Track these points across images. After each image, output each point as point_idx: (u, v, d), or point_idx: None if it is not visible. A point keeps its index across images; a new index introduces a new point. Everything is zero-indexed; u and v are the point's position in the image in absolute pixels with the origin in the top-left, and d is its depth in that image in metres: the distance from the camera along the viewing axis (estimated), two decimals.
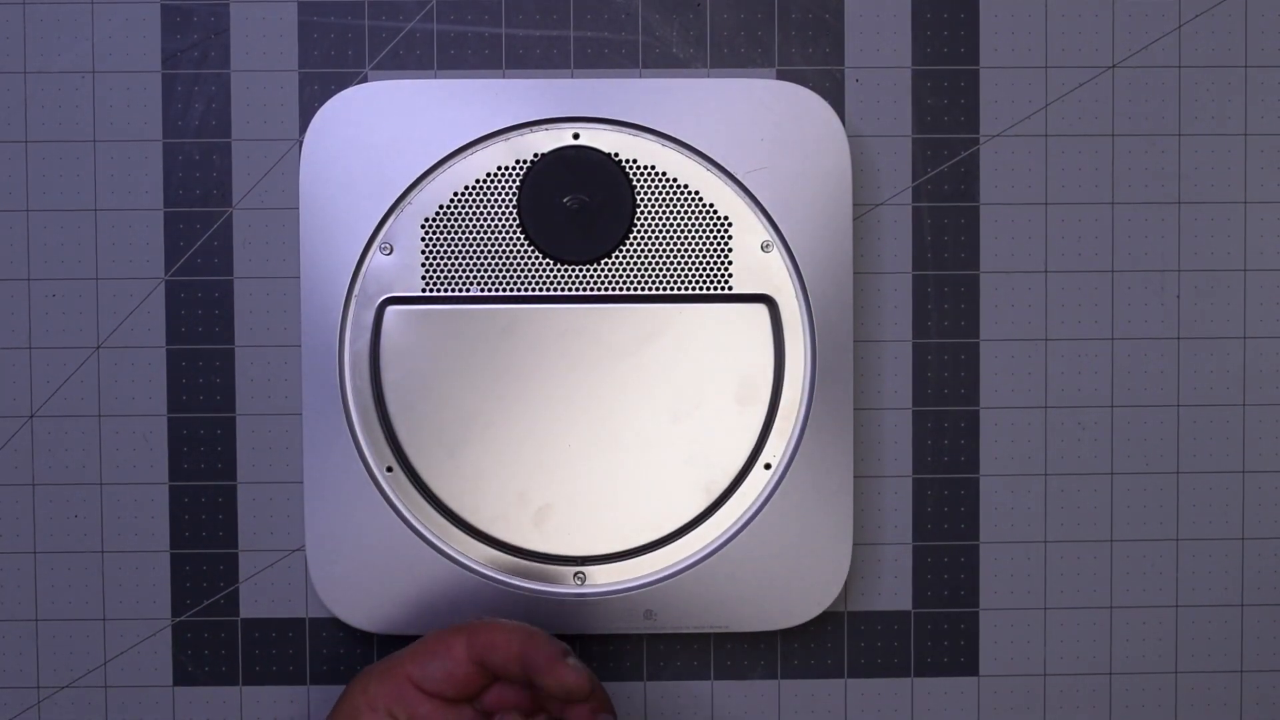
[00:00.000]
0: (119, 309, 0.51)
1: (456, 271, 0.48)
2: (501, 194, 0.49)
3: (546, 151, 0.48)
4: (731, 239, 0.49)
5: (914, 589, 0.51)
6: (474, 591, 0.48)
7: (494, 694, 0.44)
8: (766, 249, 0.49)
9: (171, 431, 0.51)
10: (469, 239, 0.48)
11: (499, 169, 0.49)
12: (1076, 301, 0.51)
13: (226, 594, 0.51)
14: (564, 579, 0.49)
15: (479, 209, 0.49)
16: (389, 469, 0.49)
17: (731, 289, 0.49)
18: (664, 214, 0.49)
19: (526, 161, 0.49)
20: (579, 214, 0.48)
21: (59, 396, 0.51)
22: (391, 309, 0.48)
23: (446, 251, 0.48)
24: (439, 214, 0.48)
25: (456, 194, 0.48)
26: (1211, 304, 0.52)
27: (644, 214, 0.49)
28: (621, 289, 0.49)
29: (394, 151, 0.48)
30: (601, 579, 0.49)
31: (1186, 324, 0.52)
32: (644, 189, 0.49)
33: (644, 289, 0.49)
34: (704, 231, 0.49)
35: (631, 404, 0.48)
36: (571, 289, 0.49)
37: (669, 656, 0.52)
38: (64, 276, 0.50)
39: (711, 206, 0.49)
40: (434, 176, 0.48)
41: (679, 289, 0.49)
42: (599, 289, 0.49)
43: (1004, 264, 0.51)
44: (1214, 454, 0.52)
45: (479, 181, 0.49)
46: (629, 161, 0.49)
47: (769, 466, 0.49)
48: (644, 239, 0.49)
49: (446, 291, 0.48)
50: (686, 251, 0.49)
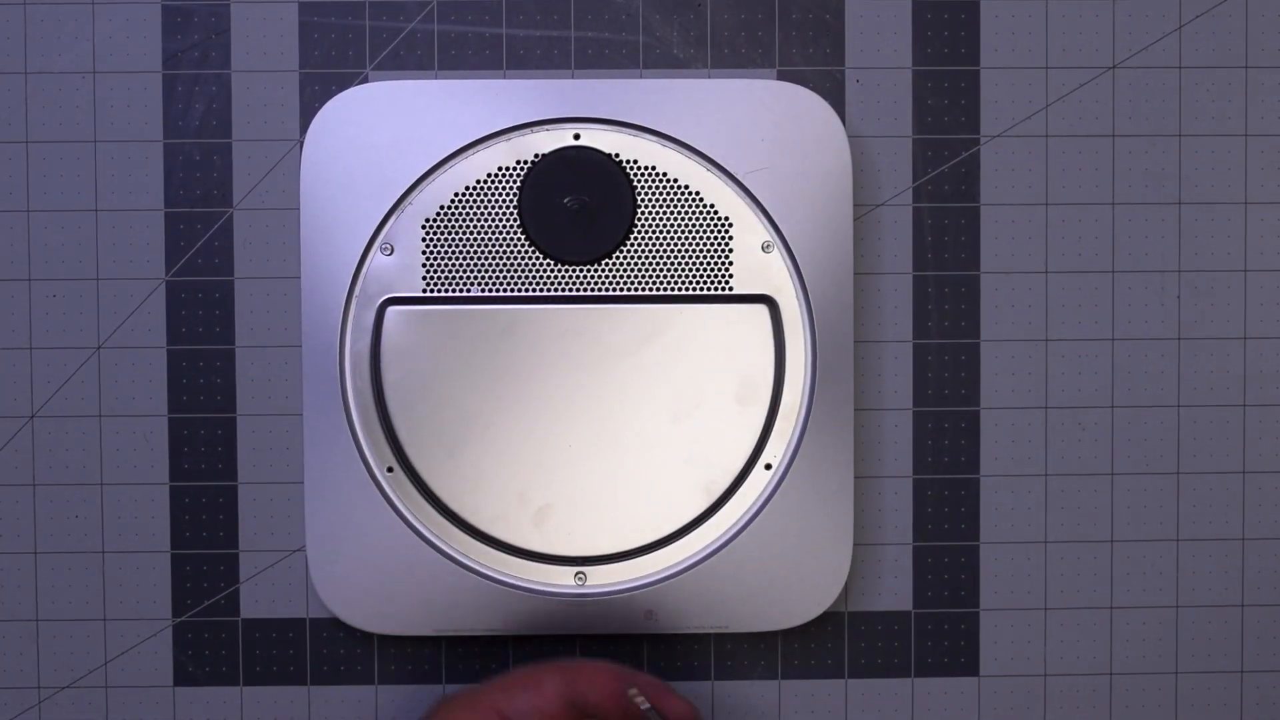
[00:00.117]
0: (119, 309, 0.51)
1: (457, 272, 0.48)
2: (502, 194, 0.49)
3: (547, 152, 0.48)
4: (732, 239, 0.49)
5: (914, 589, 0.51)
6: (474, 591, 0.48)
7: None
8: (767, 249, 0.49)
9: (172, 431, 0.51)
10: (469, 239, 0.48)
11: (499, 169, 0.49)
12: (1076, 302, 0.51)
13: (227, 594, 0.51)
14: (564, 579, 0.49)
15: (480, 209, 0.49)
16: (389, 469, 0.49)
17: (732, 289, 0.49)
18: (664, 214, 0.49)
19: (527, 162, 0.49)
20: (579, 214, 0.48)
21: (59, 397, 0.51)
22: (392, 309, 0.48)
23: (447, 252, 0.48)
24: (439, 214, 0.48)
25: (457, 194, 0.48)
26: (1211, 304, 0.52)
27: (644, 214, 0.49)
28: (622, 289, 0.49)
29: (394, 152, 0.48)
30: (601, 579, 0.49)
31: (1186, 324, 0.52)
32: (644, 189, 0.49)
33: (644, 289, 0.49)
34: (704, 232, 0.49)
35: (631, 404, 0.48)
36: (572, 289, 0.49)
37: (669, 656, 0.52)
38: (64, 277, 0.50)
39: (712, 207, 0.49)
40: (434, 177, 0.48)
41: (679, 289, 0.49)
42: (599, 289, 0.49)
43: (1004, 264, 0.51)
44: (1214, 454, 0.52)
45: (479, 182, 0.49)
46: (629, 162, 0.49)
47: (769, 467, 0.49)
48: (644, 239, 0.49)
49: (447, 292, 0.48)
50: (687, 252, 0.49)
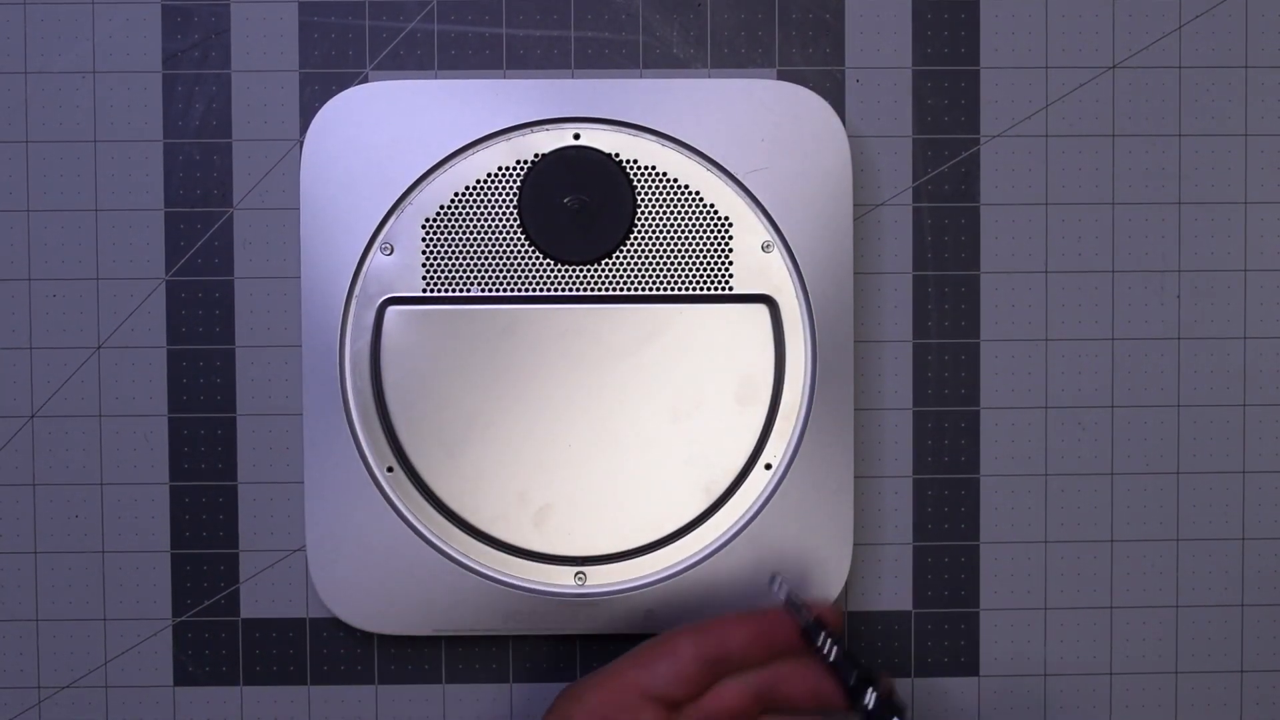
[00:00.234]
0: (119, 309, 0.51)
1: (457, 271, 0.48)
2: (502, 194, 0.49)
3: (547, 152, 0.48)
4: (732, 239, 0.49)
5: (914, 589, 0.51)
6: (474, 591, 0.48)
7: (714, 698, 0.44)
8: (767, 249, 0.49)
9: (172, 431, 0.51)
10: (469, 239, 0.48)
11: (499, 169, 0.49)
12: (1076, 301, 0.51)
13: (227, 594, 0.51)
14: (564, 579, 0.49)
15: (479, 209, 0.49)
16: (389, 469, 0.49)
17: (732, 289, 0.49)
18: (664, 214, 0.49)
19: (527, 162, 0.49)
20: (579, 214, 0.48)
21: (59, 396, 0.51)
22: (392, 309, 0.48)
23: (447, 251, 0.48)
24: (439, 214, 0.48)
25: (457, 194, 0.48)
26: (1211, 304, 0.52)
27: (644, 214, 0.49)
28: (622, 289, 0.49)
29: (394, 151, 0.48)
30: (601, 579, 0.49)
31: (1186, 324, 0.52)
32: (644, 189, 0.49)
33: (644, 289, 0.49)
34: (704, 231, 0.49)
35: (631, 404, 0.48)
36: (572, 289, 0.49)
37: None
38: (64, 276, 0.50)
39: (712, 206, 0.49)
40: (434, 177, 0.48)
41: (679, 289, 0.49)
42: (599, 289, 0.49)
43: (1004, 264, 0.51)
44: (1214, 454, 0.52)
45: (479, 181, 0.49)
46: (629, 161, 0.49)
47: (769, 466, 0.49)
48: (644, 239, 0.49)
49: (447, 292, 0.48)
50: (687, 251, 0.49)
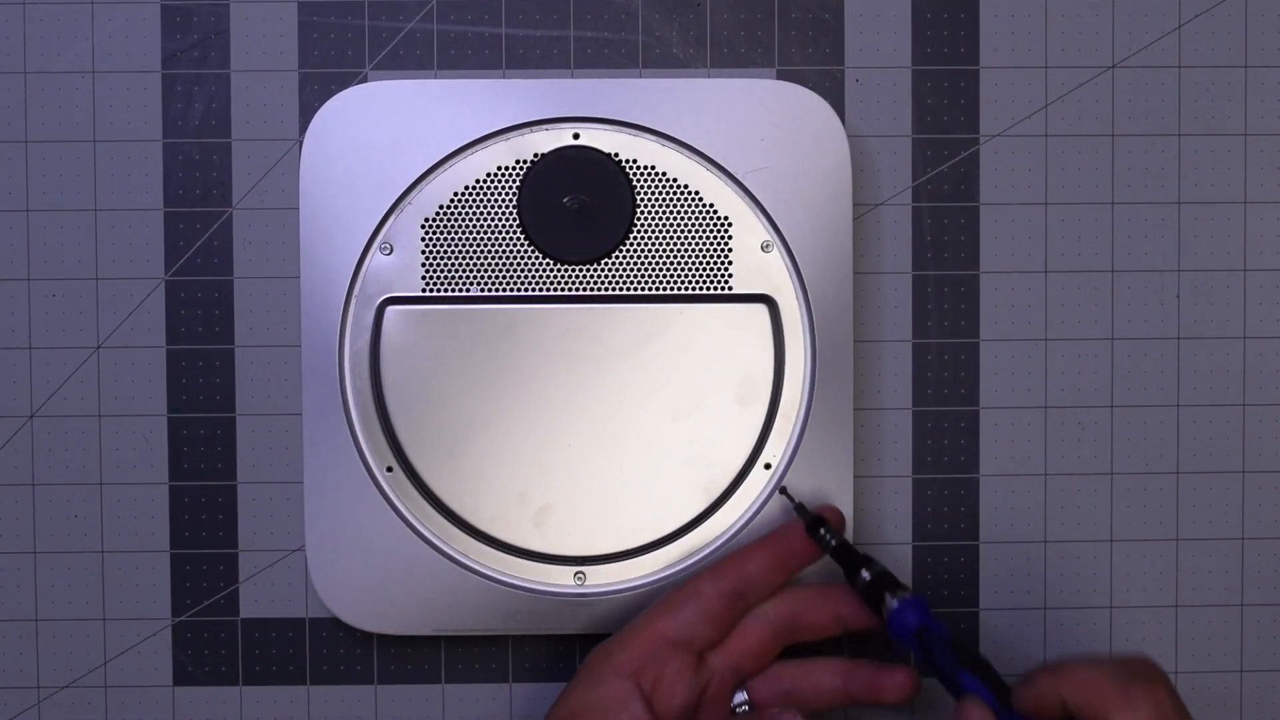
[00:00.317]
0: (119, 309, 0.51)
1: (456, 271, 0.48)
2: (501, 194, 0.49)
3: (546, 151, 0.48)
4: (731, 239, 0.49)
5: (914, 589, 0.51)
6: (474, 591, 0.48)
7: (737, 639, 0.46)
8: (766, 249, 0.49)
9: (171, 431, 0.51)
10: (469, 239, 0.48)
11: (499, 169, 0.49)
12: (1076, 301, 0.51)
13: (226, 594, 0.51)
14: (564, 579, 0.49)
15: (479, 209, 0.48)
16: (389, 469, 0.49)
17: (731, 289, 0.49)
18: (664, 214, 0.49)
19: (526, 161, 0.48)
20: (579, 214, 0.48)
21: (59, 396, 0.51)
22: (391, 309, 0.48)
23: (446, 251, 0.48)
24: (439, 214, 0.48)
25: (456, 194, 0.48)
26: (1211, 304, 0.52)
27: (644, 214, 0.49)
28: (621, 289, 0.49)
29: (394, 151, 0.48)
30: (601, 579, 0.49)
31: (1186, 324, 0.52)
32: (644, 189, 0.49)
33: (644, 289, 0.49)
34: (704, 231, 0.49)
35: (631, 404, 0.48)
36: (571, 289, 0.48)
37: None
38: (64, 276, 0.50)
39: (711, 206, 0.49)
40: (434, 176, 0.48)
41: (679, 289, 0.49)
42: (599, 289, 0.48)
43: (1004, 264, 0.51)
44: (1214, 454, 0.52)
45: (479, 181, 0.48)
46: (629, 161, 0.49)
47: (769, 466, 0.49)
48: (644, 239, 0.49)
49: (446, 291, 0.48)
50: (686, 251, 0.49)
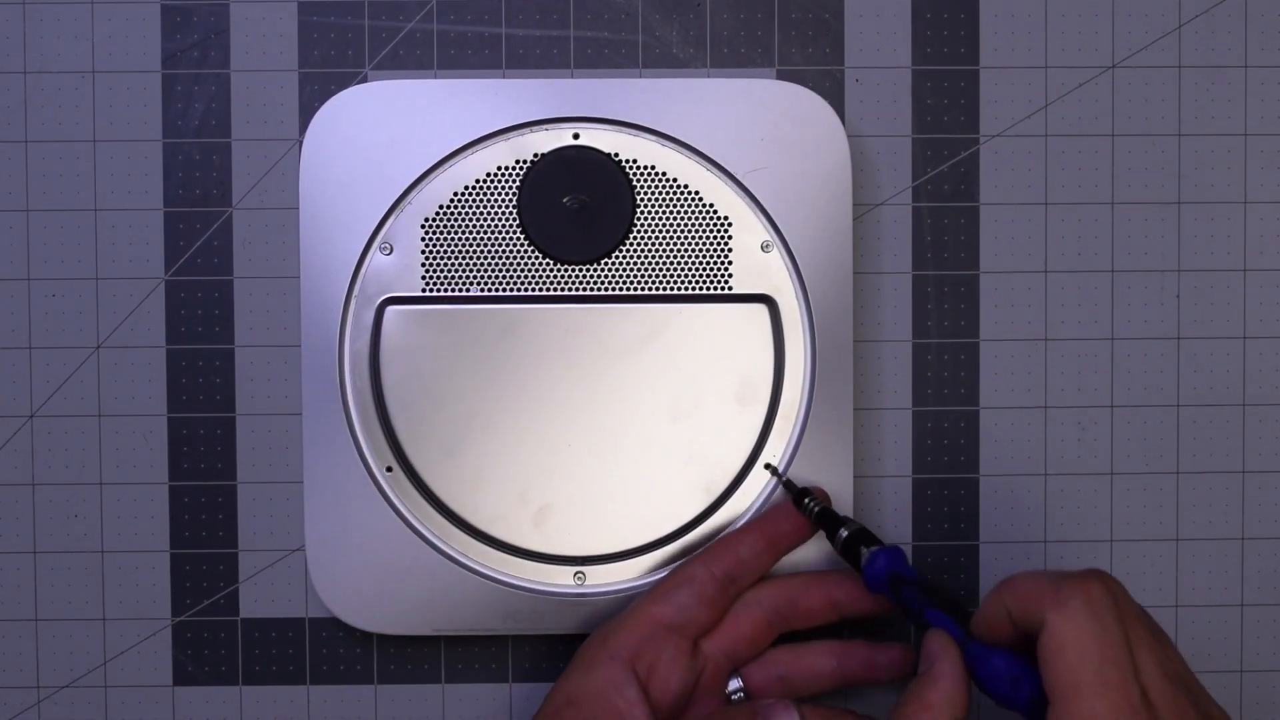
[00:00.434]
0: (119, 309, 0.51)
1: (456, 271, 0.48)
2: (501, 194, 0.49)
3: (546, 151, 0.48)
4: (731, 239, 0.49)
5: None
6: (474, 591, 0.48)
7: (731, 625, 0.46)
8: (766, 249, 0.49)
9: (171, 431, 0.51)
10: (469, 239, 0.48)
11: (499, 169, 0.49)
12: (1076, 301, 0.51)
13: (226, 594, 0.51)
14: (564, 579, 0.49)
15: (479, 209, 0.48)
16: (389, 469, 0.49)
17: (731, 289, 0.49)
18: (664, 214, 0.49)
19: (526, 161, 0.48)
20: (579, 214, 0.48)
21: (59, 396, 0.51)
22: (391, 309, 0.48)
23: (446, 251, 0.48)
24: (439, 214, 0.48)
25: (456, 194, 0.48)
26: (1211, 304, 0.52)
27: (644, 214, 0.49)
28: (621, 289, 0.49)
29: (394, 151, 0.48)
30: (601, 579, 0.49)
31: (1186, 324, 0.52)
32: (644, 189, 0.49)
33: (644, 289, 0.49)
34: (704, 231, 0.49)
35: (631, 404, 0.48)
36: (571, 289, 0.49)
37: None
38: (64, 276, 0.50)
39: (711, 206, 0.49)
40: (434, 176, 0.48)
41: (679, 289, 0.49)
42: (599, 289, 0.48)
43: (1004, 264, 0.51)
44: (1214, 454, 0.52)
45: (479, 181, 0.48)
46: (629, 161, 0.49)
47: (769, 466, 0.49)
48: (644, 239, 0.49)
49: (446, 291, 0.48)
50: (686, 251, 0.49)
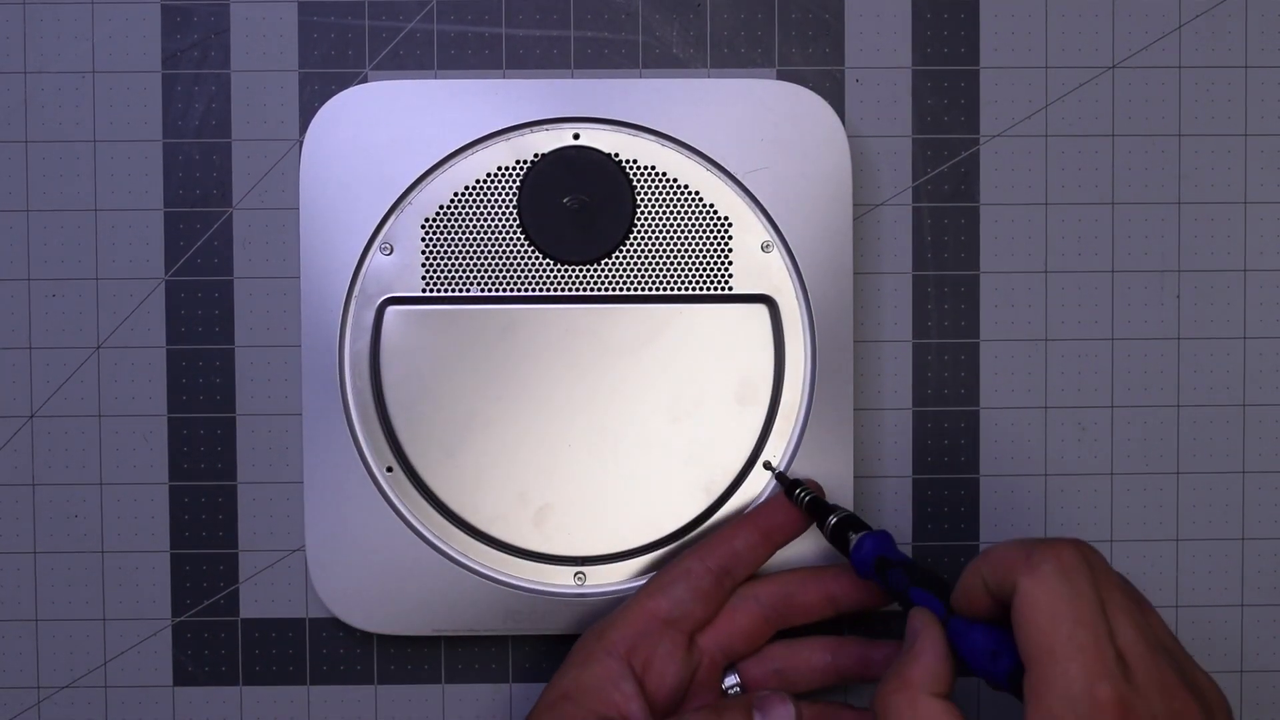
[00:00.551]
0: (119, 309, 0.51)
1: (456, 271, 0.48)
2: (501, 194, 0.49)
3: (547, 151, 0.48)
4: (731, 239, 0.49)
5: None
6: (474, 591, 0.48)
7: (727, 621, 0.46)
8: (766, 249, 0.49)
9: (171, 431, 0.51)
10: (469, 239, 0.48)
11: (499, 169, 0.49)
12: (1076, 301, 0.51)
13: (226, 594, 0.51)
14: (564, 579, 0.49)
15: (479, 209, 0.49)
16: (389, 469, 0.49)
17: (731, 289, 0.49)
18: (664, 214, 0.49)
19: (527, 161, 0.48)
20: (579, 214, 0.48)
21: (59, 396, 0.51)
22: (391, 309, 0.48)
23: (446, 251, 0.48)
24: (439, 214, 0.48)
25: (456, 194, 0.48)
26: (1211, 304, 0.52)
27: (644, 214, 0.49)
28: (621, 289, 0.49)
29: (394, 151, 0.48)
30: (601, 579, 0.49)
31: (1186, 324, 0.52)
32: (644, 189, 0.49)
33: (644, 289, 0.49)
34: (704, 231, 0.49)
35: (631, 404, 0.48)
36: (571, 289, 0.49)
37: None
38: (64, 276, 0.50)
39: (711, 206, 0.49)
40: (434, 176, 0.48)
41: (679, 289, 0.49)
42: (599, 289, 0.49)
43: (1004, 264, 0.51)
44: (1214, 454, 0.52)
45: (479, 181, 0.48)
46: (629, 161, 0.49)
47: (769, 466, 0.49)
48: (644, 239, 0.49)
49: (446, 291, 0.48)
50: (686, 251, 0.49)
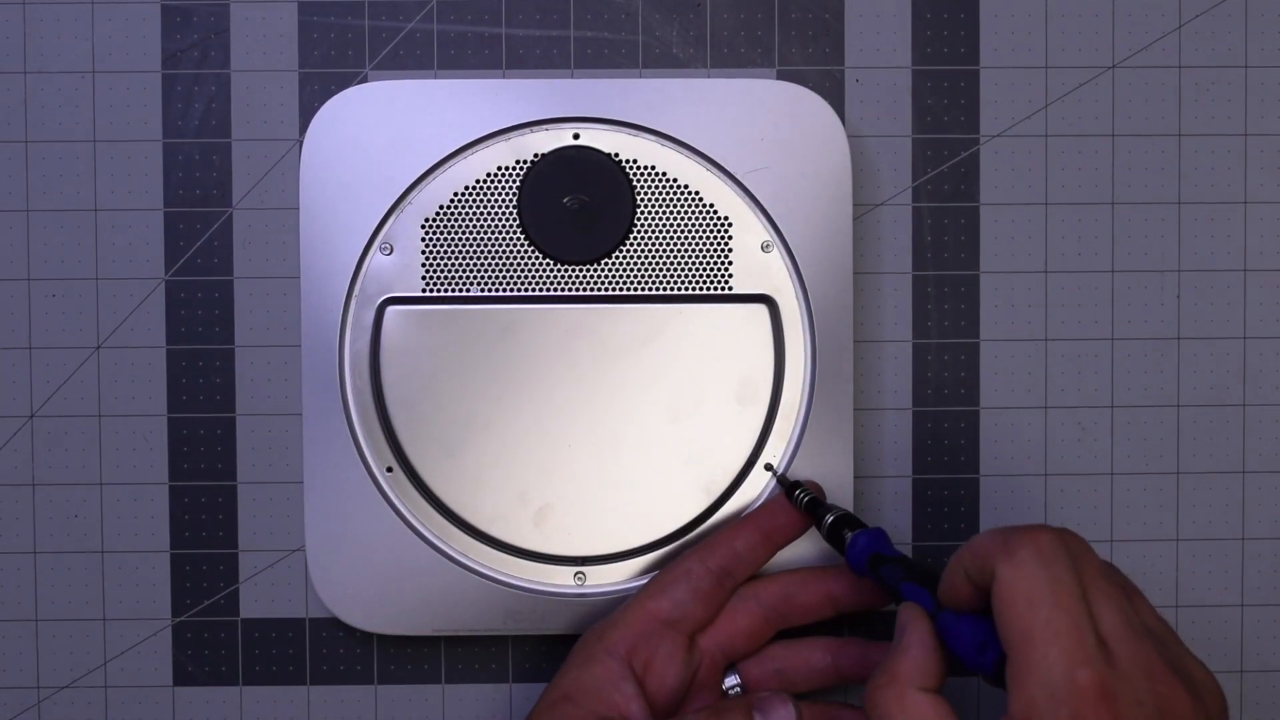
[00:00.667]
0: (119, 309, 0.51)
1: (456, 271, 0.48)
2: (501, 194, 0.49)
3: (546, 151, 0.48)
4: (731, 239, 0.49)
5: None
6: (474, 591, 0.48)
7: (728, 622, 0.46)
8: (766, 249, 0.49)
9: (171, 431, 0.51)
10: (469, 239, 0.48)
11: (499, 169, 0.49)
12: (1076, 301, 0.51)
13: (226, 594, 0.51)
14: (564, 579, 0.49)
15: (479, 209, 0.49)
16: (389, 469, 0.49)
17: (731, 289, 0.49)
18: (664, 214, 0.49)
19: (526, 161, 0.48)
20: (579, 214, 0.48)
21: (59, 396, 0.51)
22: (391, 309, 0.48)
23: (446, 251, 0.48)
24: (439, 214, 0.48)
25: (456, 194, 0.48)
26: (1211, 304, 0.52)
27: (644, 214, 0.49)
28: (621, 289, 0.49)
29: (394, 151, 0.48)
30: (601, 579, 0.49)
31: (1186, 324, 0.52)
32: (644, 189, 0.49)
33: (644, 289, 0.49)
34: (704, 231, 0.49)
35: (631, 404, 0.48)
36: (571, 289, 0.49)
37: None
38: (64, 276, 0.50)
39: (711, 206, 0.49)
40: (434, 176, 0.48)
41: (679, 289, 0.49)
42: (599, 289, 0.49)
43: (1004, 264, 0.51)
44: (1214, 454, 0.52)
45: (479, 181, 0.48)
46: (629, 161, 0.49)
47: (769, 467, 0.49)
48: (644, 239, 0.49)
49: (446, 291, 0.48)
50: (686, 251, 0.49)
